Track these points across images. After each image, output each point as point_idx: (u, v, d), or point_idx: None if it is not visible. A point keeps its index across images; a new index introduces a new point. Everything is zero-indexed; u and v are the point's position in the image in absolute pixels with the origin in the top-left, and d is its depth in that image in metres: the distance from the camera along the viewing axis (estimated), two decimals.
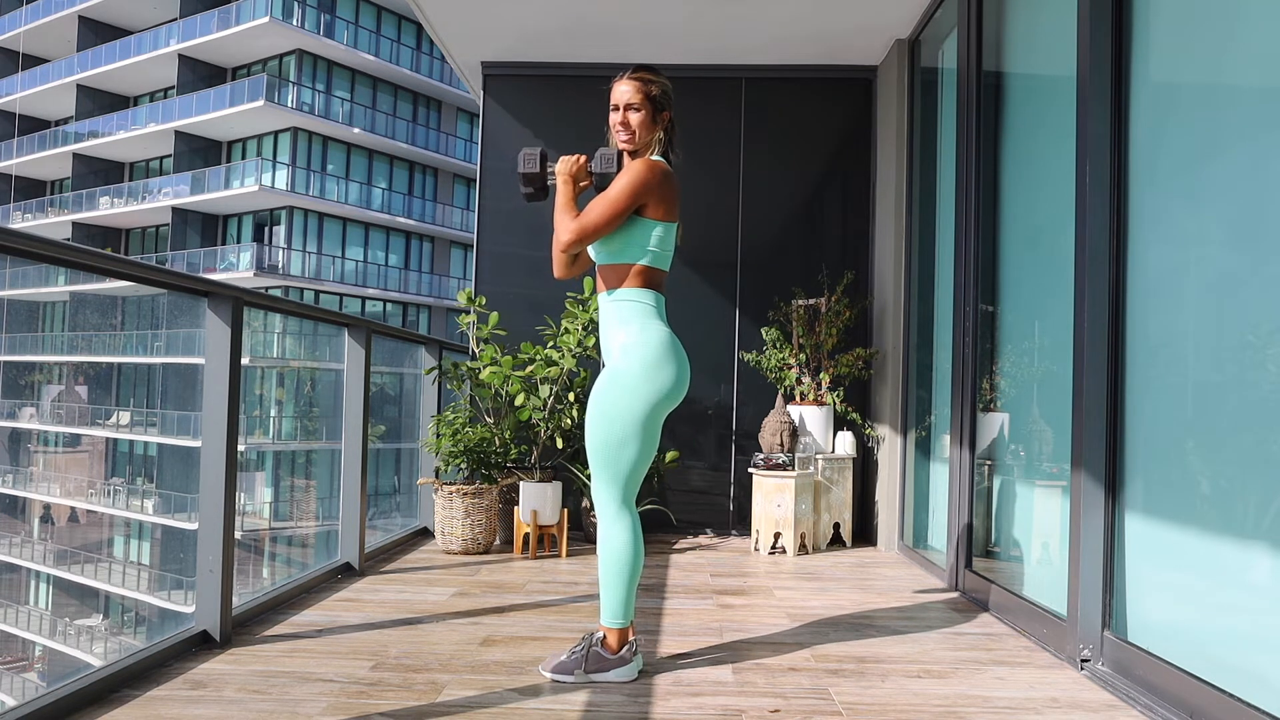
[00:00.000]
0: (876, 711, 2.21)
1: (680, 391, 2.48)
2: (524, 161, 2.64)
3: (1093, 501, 2.55)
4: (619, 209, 2.42)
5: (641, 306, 2.48)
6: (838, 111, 5.23)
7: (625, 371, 2.43)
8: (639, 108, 2.53)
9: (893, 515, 4.61)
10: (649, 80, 2.54)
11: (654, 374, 2.42)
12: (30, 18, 29.26)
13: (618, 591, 2.44)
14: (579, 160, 2.58)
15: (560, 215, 2.50)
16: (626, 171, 2.45)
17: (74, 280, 25.22)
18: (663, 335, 2.47)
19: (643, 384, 2.42)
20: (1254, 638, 2.05)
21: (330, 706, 2.15)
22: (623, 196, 2.42)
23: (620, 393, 2.42)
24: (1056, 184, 2.94)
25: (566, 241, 2.46)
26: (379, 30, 26.67)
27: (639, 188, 2.42)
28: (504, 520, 4.56)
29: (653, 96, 2.53)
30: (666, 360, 2.44)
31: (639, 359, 2.43)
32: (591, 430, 2.47)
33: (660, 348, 2.44)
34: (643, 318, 2.47)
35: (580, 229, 2.44)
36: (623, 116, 2.53)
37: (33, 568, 22.36)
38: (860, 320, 4.95)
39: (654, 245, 2.48)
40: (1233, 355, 2.12)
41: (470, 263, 6.20)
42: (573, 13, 4.62)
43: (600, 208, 2.43)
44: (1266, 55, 2.03)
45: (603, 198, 2.44)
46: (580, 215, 2.46)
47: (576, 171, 2.58)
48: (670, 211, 2.49)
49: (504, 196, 5.27)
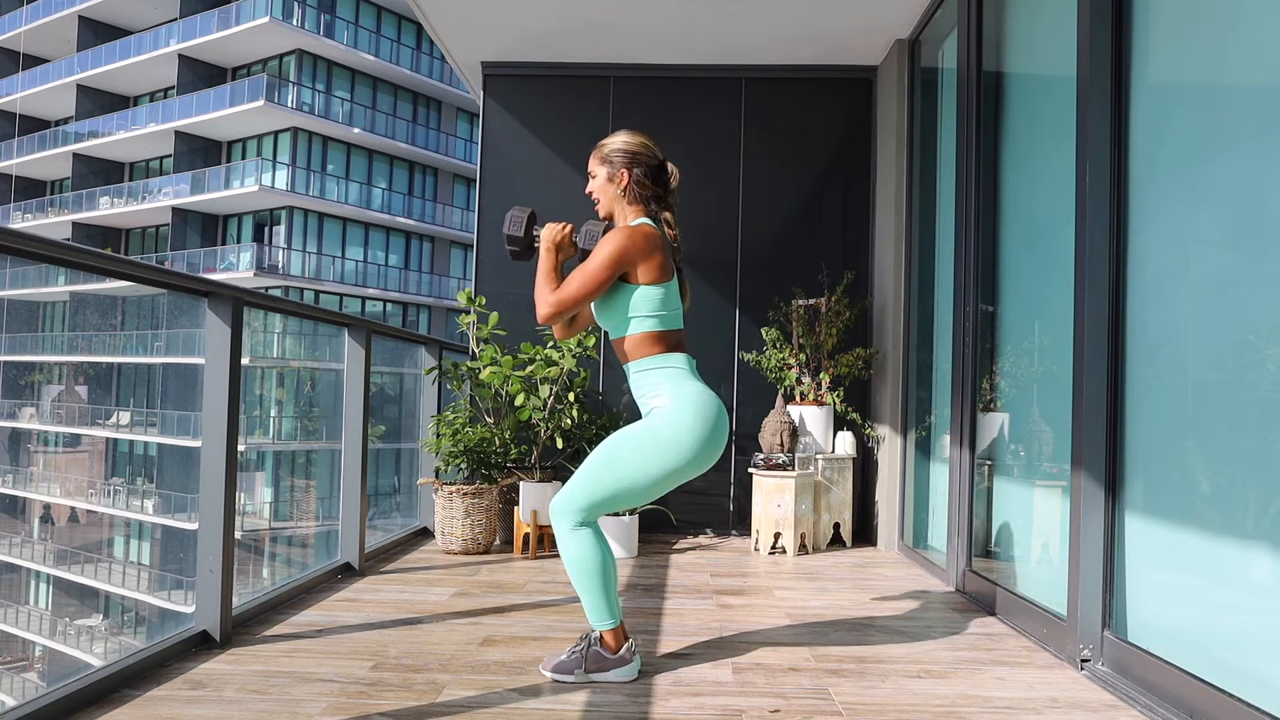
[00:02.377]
0: (876, 711, 2.21)
1: (710, 460, 2.43)
2: (510, 223, 2.60)
3: (1093, 501, 2.55)
4: (597, 281, 2.39)
5: (669, 371, 2.44)
6: (838, 111, 5.23)
7: (659, 431, 2.38)
8: (594, 174, 2.56)
9: (893, 515, 4.61)
10: (601, 144, 2.57)
11: (688, 440, 2.36)
12: (30, 18, 29.26)
13: (593, 596, 2.41)
14: (565, 230, 2.55)
15: (540, 287, 2.47)
16: (604, 242, 2.42)
17: (74, 280, 25.23)
18: (698, 395, 2.41)
19: (674, 448, 2.37)
20: (1254, 638, 2.05)
21: (330, 706, 2.15)
22: (600, 269, 2.38)
23: (651, 447, 2.37)
24: (1056, 184, 2.94)
25: (544, 315, 2.43)
26: (379, 30, 26.67)
27: (616, 257, 2.39)
28: (504, 520, 4.56)
29: (605, 158, 2.54)
30: (703, 428, 2.38)
31: (675, 423, 2.37)
32: (603, 454, 2.41)
33: (698, 413, 2.38)
34: (674, 381, 2.43)
35: (558, 303, 2.41)
36: (589, 186, 2.58)
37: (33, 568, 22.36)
38: (860, 320, 4.95)
39: (657, 309, 2.44)
40: (1232, 355, 2.12)
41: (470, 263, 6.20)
42: (573, 13, 4.62)
43: (578, 281, 2.40)
44: (1266, 55, 2.03)
45: (581, 269, 2.41)
46: (559, 288, 2.43)
47: (561, 241, 2.54)
48: (660, 272, 2.43)
49: (504, 196, 5.27)
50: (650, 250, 2.42)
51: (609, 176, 2.54)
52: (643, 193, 2.53)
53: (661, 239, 2.48)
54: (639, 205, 2.54)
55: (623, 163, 2.53)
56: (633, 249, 2.40)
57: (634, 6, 4.52)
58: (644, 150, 2.55)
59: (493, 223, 5.25)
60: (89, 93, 28.15)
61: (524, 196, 5.26)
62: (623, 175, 2.52)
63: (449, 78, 27.94)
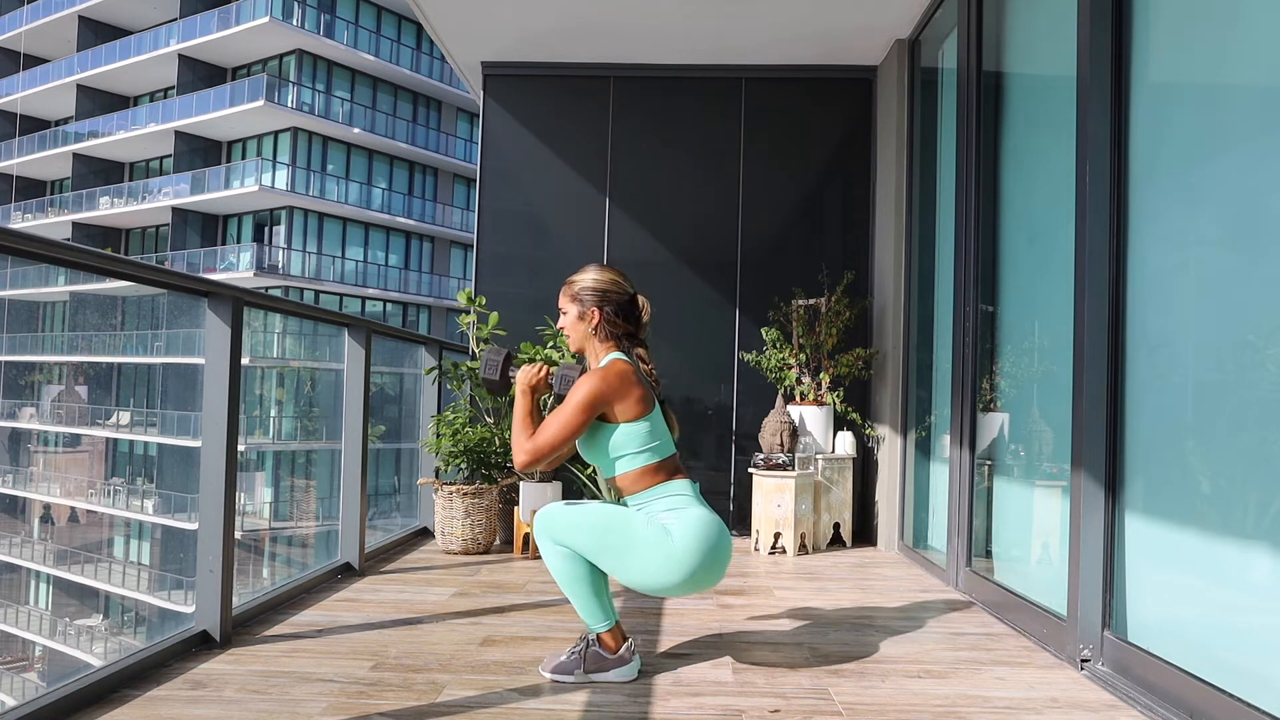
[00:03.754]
0: (876, 711, 2.21)
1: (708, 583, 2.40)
2: (485, 366, 2.59)
3: (1093, 501, 2.55)
4: (572, 427, 2.36)
5: (671, 500, 2.40)
6: (838, 111, 5.23)
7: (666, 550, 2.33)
8: (564, 311, 2.55)
9: (893, 515, 4.61)
10: (570, 281, 2.55)
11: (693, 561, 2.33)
12: (30, 18, 29.26)
13: (583, 600, 2.41)
14: (540, 373, 2.52)
15: (516, 433, 2.44)
16: (576, 387, 2.39)
17: (74, 280, 25.22)
18: (704, 522, 2.37)
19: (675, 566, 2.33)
20: (1254, 638, 2.05)
21: (330, 706, 2.15)
22: (574, 414, 2.36)
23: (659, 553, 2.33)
24: (1056, 184, 2.94)
25: (520, 463, 2.41)
26: (379, 30, 26.67)
27: (591, 400, 2.36)
28: (504, 520, 4.56)
29: (574, 296, 2.53)
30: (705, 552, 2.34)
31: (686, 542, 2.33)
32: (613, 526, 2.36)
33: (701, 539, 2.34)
34: (680, 509, 2.39)
35: (534, 450, 2.39)
36: (560, 322, 2.57)
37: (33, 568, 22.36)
38: (860, 320, 4.95)
39: (645, 443, 2.41)
40: (1232, 355, 2.12)
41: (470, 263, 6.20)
42: (573, 13, 4.62)
43: (553, 428, 2.37)
44: (1266, 55, 2.03)
45: (555, 415, 2.39)
46: (534, 436, 2.40)
47: (537, 384, 2.52)
48: (638, 407, 2.40)
49: (504, 197, 5.27)
50: (625, 388, 2.39)
51: (579, 315, 2.52)
52: (614, 330, 2.51)
53: (636, 372, 2.45)
54: (610, 342, 2.51)
55: (593, 301, 2.50)
56: (607, 390, 2.37)
57: (634, 6, 4.52)
58: (614, 287, 2.52)
59: (493, 222, 5.25)
60: (89, 93, 28.14)
61: (524, 196, 5.26)
62: (593, 314, 2.50)
63: (449, 78, 27.94)
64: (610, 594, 2.46)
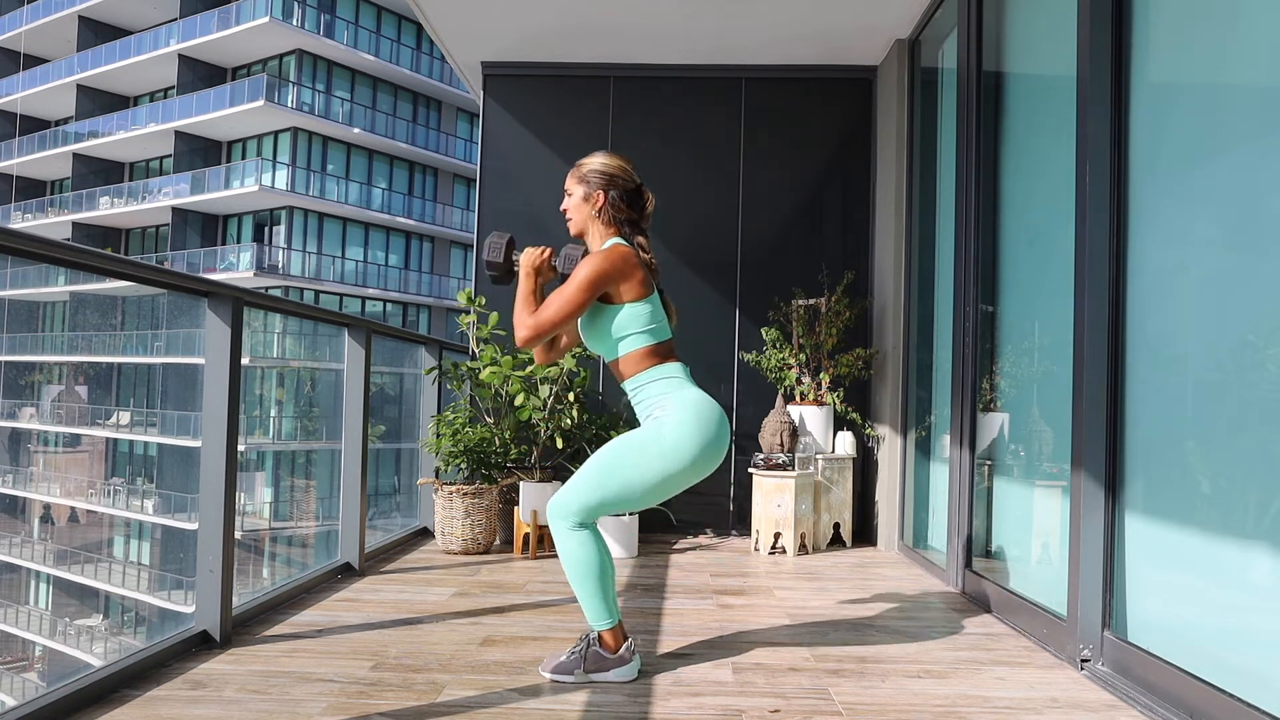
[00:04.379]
0: (876, 711, 2.21)
1: (710, 466, 2.43)
2: (489, 249, 2.60)
3: (1093, 501, 2.55)
4: (575, 304, 2.39)
5: (668, 382, 2.44)
6: (838, 111, 5.23)
7: (664, 436, 2.38)
8: (570, 192, 2.57)
9: (893, 515, 4.61)
10: (579, 164, 2.58)
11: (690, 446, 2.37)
12: (30, 18, 29.26)
13: (590, 597, 2.41)
14: (544, 254, 2.54)
15: (518, 311, 2.47)
16: (581, 265, 2.42)
17: (74, 280, 25.23)
18: (698, 401, 2.42)
19: (676, 454, 2.37)
20: (1254, 638, 2.05)
21: (330, 706, 2.15)
22: (577, 291, 2.38)
23: (653, 452, 2.38)
24: (1056, 184, 2.94)
25: (522, 339, 2.43)
26: (379, 30, 26.67)
27: (593, 279, 2.39)
28: (504, 520, 4.56)
29: (582, 177, 2.55)
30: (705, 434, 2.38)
31: (677, 428, 2.37)
32: (605, 457, 2.42)
33: (700, 419, 2.39)
34: (674, 390, 2.43)
35: (535, 326, 2.41)
36: (563, 204, 2.58)
37: (33, 568, 22.36)
38: (860, 320, 4.95)
39: (640, 327, 2.44)
40: (1232, 355, 2.12)
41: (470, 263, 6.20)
42: (573, 13, 4.62)
43: (556, 304, 2.40)
44: (1266, 55, 2.03)
45: (559, 293, 2.41)
46: (537, 313, 2.43)
47: (540, 265, 2.54)
48: (641, 288, 2.44)
49: (504, 197, 5.27)
50: (628, 269, 2.43)
51: (584, 196, 2.54)
52: (617, 215, 2.54)
53: (637, 255, 2.48)
54: (613, 227, 2.54)
55: (599, 184, 2.53)
56: (611, 270, 2.41)
57: (634, 6, 4.52)
58: (621, 173, 2.55)
59: (493, 223, 5.25)
60: (89, 93, 28.14)
61: (524, 196, 5.26)
62: (598, 197, 2.53)
63: (449, 78, 27.94)
64: (616, 594, 2.47)
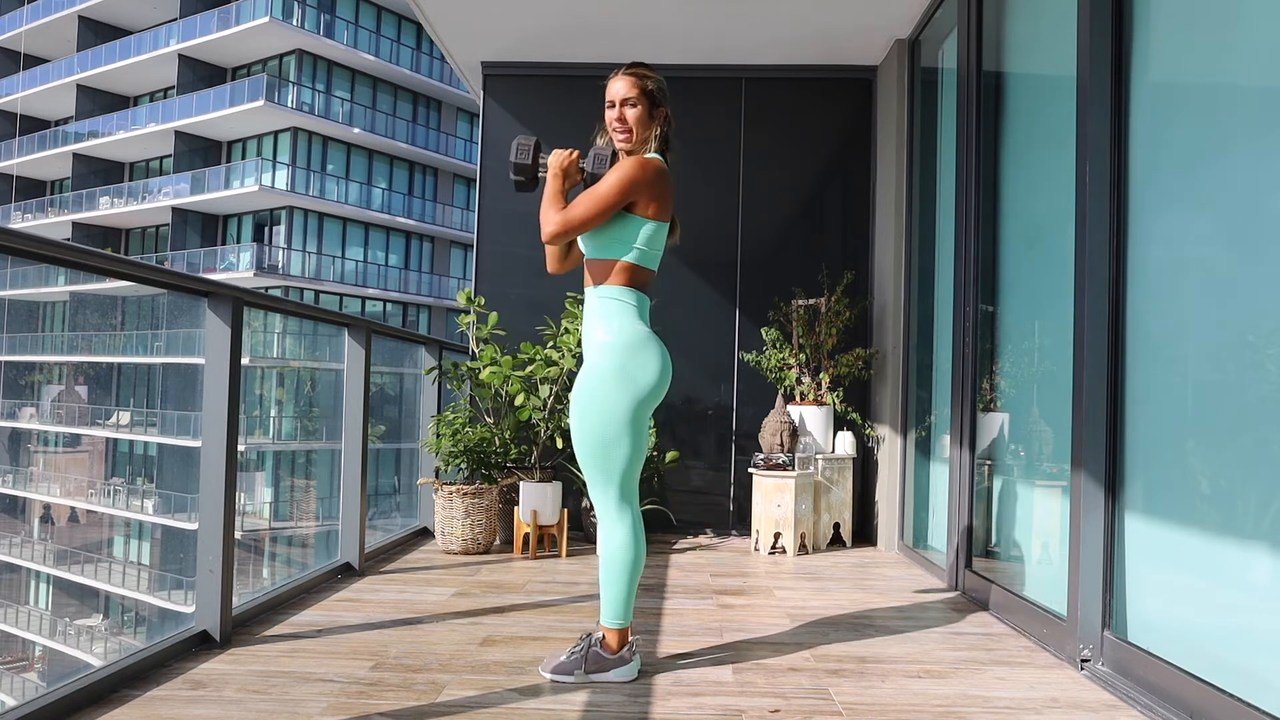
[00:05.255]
0: (876, 711, 2.21)
1: (661, 387, 2.45)
2: (517, 150, 2.57)
3: (1093, 501, 2.55)
4: (606, 204, 2.39)
5: (623, 305, 2.45)
6: (838, 111, 5.23)
7: (603, 367, 2.41)
8: (635, 103, 2.49)
9: (893, 515, 4.61)
10: (644, 75, 2.51)
11: (633, 371, 2.40)
12: (30, 18, 29.25)
13: (619, 592, 2.43)
14: (572, 155, 2.52)
15: (546, 208, 2.45)
16: (618, 168, 2.41)
17: (74, 280, 25.22)
18: (640, 332, 2.44)
19: (622, 381, 2.39)
20: (1254, 638, 2.05)
21: (330, 706, 2.15)
22: (611, 192, 2.38)
23: (599, 390, 2.40)
24: (1056, 184, 2.94)
25: (549, 233, 2.42)
26: (379, 30, 26.66)
27: (628, 184, 2.38)
28: (504, 520, 4.56)
29: (649, 91, 2.50)
30: (645, 356, 2.41)
31: (617, 355, 2.40)
32: (576, 431, 2.44)
33: (637, 344, 2.41)
34: (623, 316, 2.44)
35: (565, 222, 2.40)
36: (619, 112, 2.50)
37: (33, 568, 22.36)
38: (860, 320, 4.95)
39: (641, 243, 2.45)
40: (1233, 355, 2.12)
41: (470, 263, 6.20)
42: (573, 13, 4.62)
43: (587, 203, 2.39)
44: (1266, 55, 2.03)
45: (590, 192, 2.41)
46: (566, 209, 2.42)
47: (569, 166, 2.52)
48: (662, 210, 2.45)
49: (504, 197, 5.27)
50: (661, 185, 2.44)
51: (650, 112, 2.51)
52: (666, 134, 2.55)
53: (670, 178, 2.49)
54: (656, 144, 2.53)
55: (663, 101, 2.54)
56: (644, 179, 2.40)
57: (634, 6, 4.52)
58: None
59: (493, 222, 5.25)
60: (89, 93, 28.14)
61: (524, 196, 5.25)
62: (662, 113, 2.53)
63: (449, 78, 27.93)
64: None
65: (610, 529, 2.44)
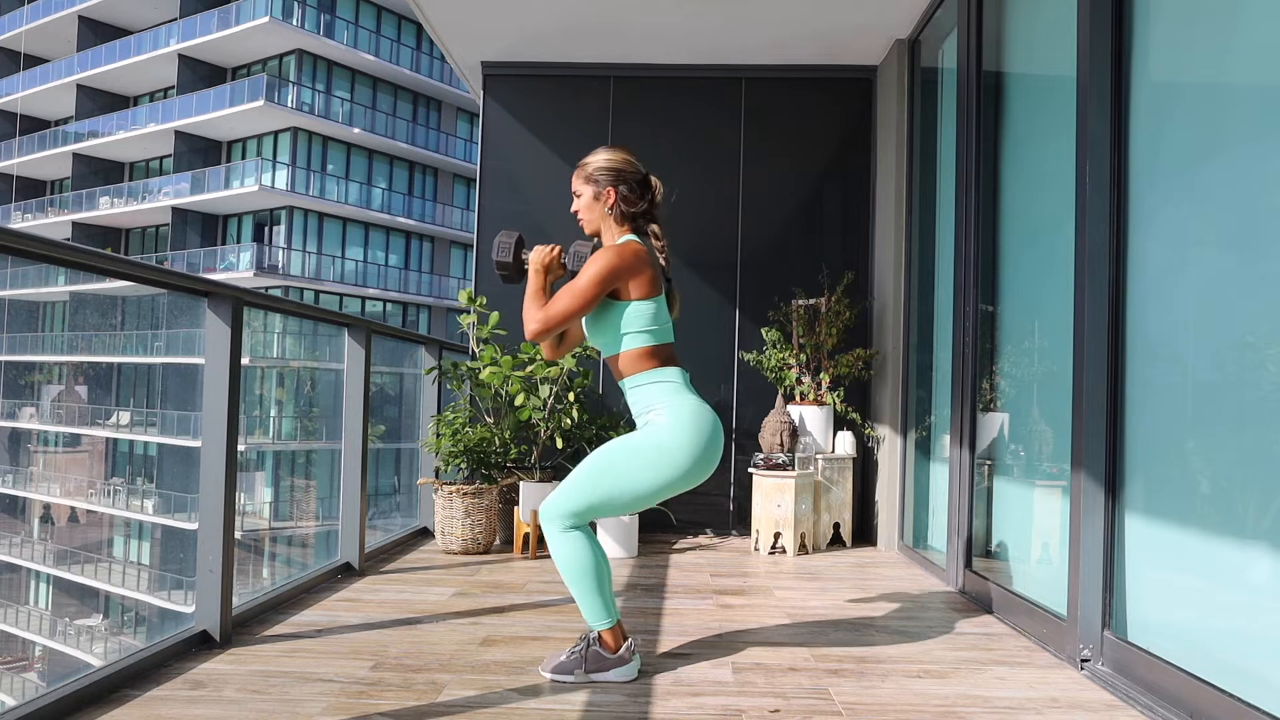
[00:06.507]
0: (876, 711, 2.21)
1: (704, 473, 2.43)
2: (498, 249, 2.61)
3: (1093, 501, 2.55)
4: (586, 298, 2.39)
5: (664, 386, 2.44)
6: (838, 111, 5.23)
7: (658, 443, 2.38)
8: (578, 193, 2.56)
9: (893, 515, 4.61)
10: (584, 163, 2.57)
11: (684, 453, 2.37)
12: (30, 18, 29.25)
13: (587, 596, 2.41)
14: (553, 251, 2.54)
15: (528, 306, 2.47)
16: (592, 260, 2.42)
17: (74, 280, 25.22)
18: (694, 409, 2.42)
19: (670, 460, 2.37)
20: (1254, 638, 2.05)
21: (330, 706, 2.15)
22: (589, 285, 2.39)
23: (647, 458, 2.38)
24: (1056, 184, 2.94)
25: (532, 331, 2.43)
26: (379, 30, 26.66)
27: (605, 274, 2.39)
28: (504, 520, 4.56)
29: (589, 177, 2.54)
30: (700, 441, 2.39)
31: (672, 435, 2.38)
32: (598, 461, 2.42)
33: (695, 425, 2.39)
34: (670, 395, 2.43)
35: (546, 320, 2.41)
36: (574, 205, 2.58)
37: (33, 568, 22.36)
38: (860, 320, 4.95)
39: (646, 325, 2.45)
40: (1232, 355, 2.12)
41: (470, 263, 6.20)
42: (573, 13, 4.62)
43: (566, 298, 2.40)
44: (1266, 55, 2.03)
45: (569, 287, 2.41)
46: (546, 306, 2.43)
47: (550, 263, 2.53)
48: (649, 287, 2.44)
49: (504, 197, 5.27)
50: (638, 266, 2.43)
51: (594, 195, 2.54)
52: (628, 209, 2.54)
53: (649, 254, 2.49)
54: (626, 223, 2.55)
55: (608, 181, 2.53)
56: (621, 266, 2.41)
57: (634, 6, 4.52)
58: (627, 166, 2.55)
59: (494, 223, 5.25)
60: (89, 93, 28.13)
61: (524, 197, 5.26)
62: (608, 194, 2.53)
63: (449, 78, 27.93)
64: (613, 592, 2.47)
65: (556, 543, 2.42)
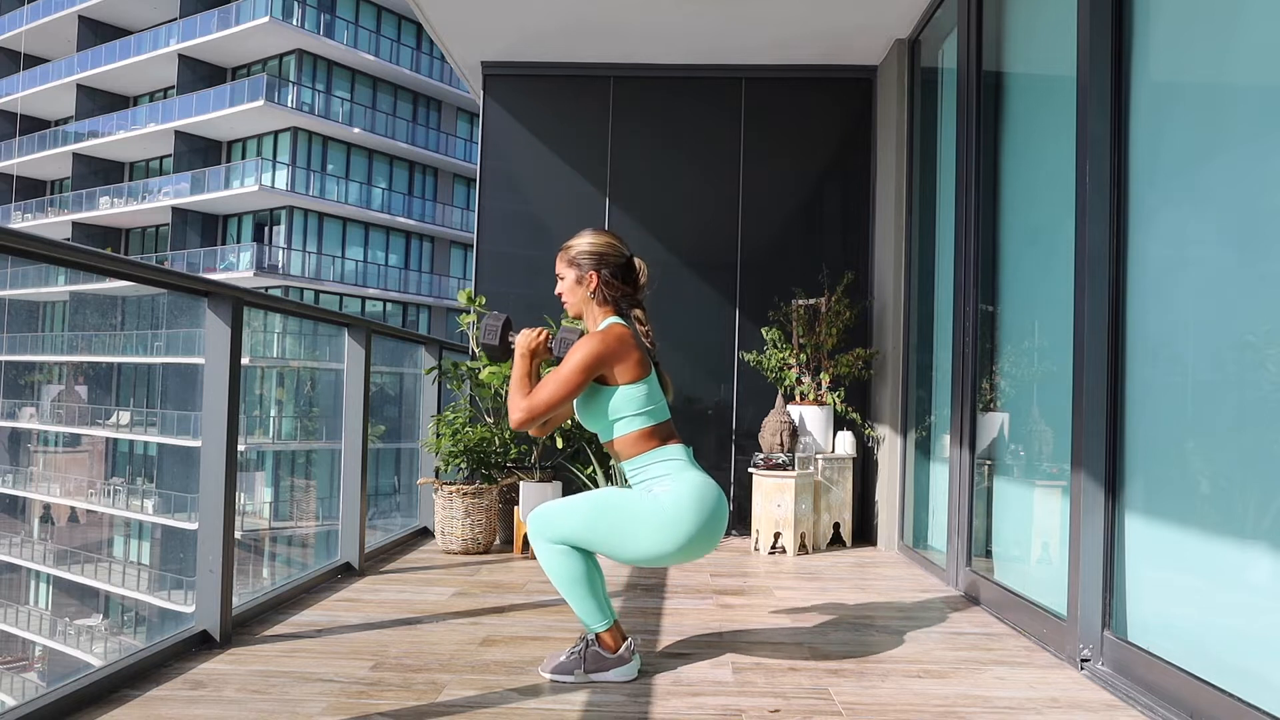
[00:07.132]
0: (876, 711, 2.21)
1: (703, 550, 2.41)
2: (485, 332, 2.61)
3: (1093, 501, 2.55)
4: (570, 386, 2.37)
5: (669, 464, 2.42)
6: (838, 111, 5.23)
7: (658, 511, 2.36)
8: (562, 276, 2.56)
9: (893, 515, 4.61)
10: (566, 247, 2.56)
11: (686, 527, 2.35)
12: (30, 18, 29.25)
13: (581, 600, 2.41)
14: (540, 336, 2.53)
15: (513, 394, 2.45)
16: (575, 348, 2.40)
17: (74, 280, 25.21)
18: (702, 485, 2.40)
19: (672, 531, 2.35)
20: (1254, 638, 2.05)
21: (330, 706, 2.15)
22: (573, 373, 2.37)
23: (650, 524, 2.36)
24: (1056, 184, 2.94)
25: (517, 421, 2.41)
26: (379, 30, 26.66)
27: (589, 362, 2.37)
28: (504, 520, 4.56)
29: (572, 261, 2.54)
30: (703, 517, 2.36)
31: (675, 509, 2.35)
32: (602, 505, 2.39)
33: (700, 501, 2.37)
34: (676, 471, 2.41)
35: (529, 409, 2.39)
36: (558, 289, 2.57)
37: (33, 568, 22.36)
38: (860, 320, 4.95)
39: (639, 408, 2.42)
40: (1232, 355, 2.12)
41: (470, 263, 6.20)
42: (573, 13, 4.62)
43: (551, 387, 2.38)
44: (1266, 55, 2.03)
45: (553, 376, 2.40)
46: (531, 395, 2.41)
47: (536, 347, 2.53)
48: (637, 369, 2.42)
49: (504, 197, 5.27)
50: (623, 351, 2.41)
51: (577, 279, 2.53)
52: (611, 293, 2.53)
53: (634, 337, 2.47)
54: (609, 306, 2.53)
55: (590, 265, 2.52)
56: (605, 352, 2.39)
57: (634, 6, 4.52)
58: (611, 250, 2.54)
59: (493, 223, 5.25)
60: (89, 93, 28.13)
61: (524, 196, 5.26)
62: (591, 278, 2.51)
63: (449, 78, 27.93)
64: (608, 593, 2.47)
65: (542, 552, 2.42)
